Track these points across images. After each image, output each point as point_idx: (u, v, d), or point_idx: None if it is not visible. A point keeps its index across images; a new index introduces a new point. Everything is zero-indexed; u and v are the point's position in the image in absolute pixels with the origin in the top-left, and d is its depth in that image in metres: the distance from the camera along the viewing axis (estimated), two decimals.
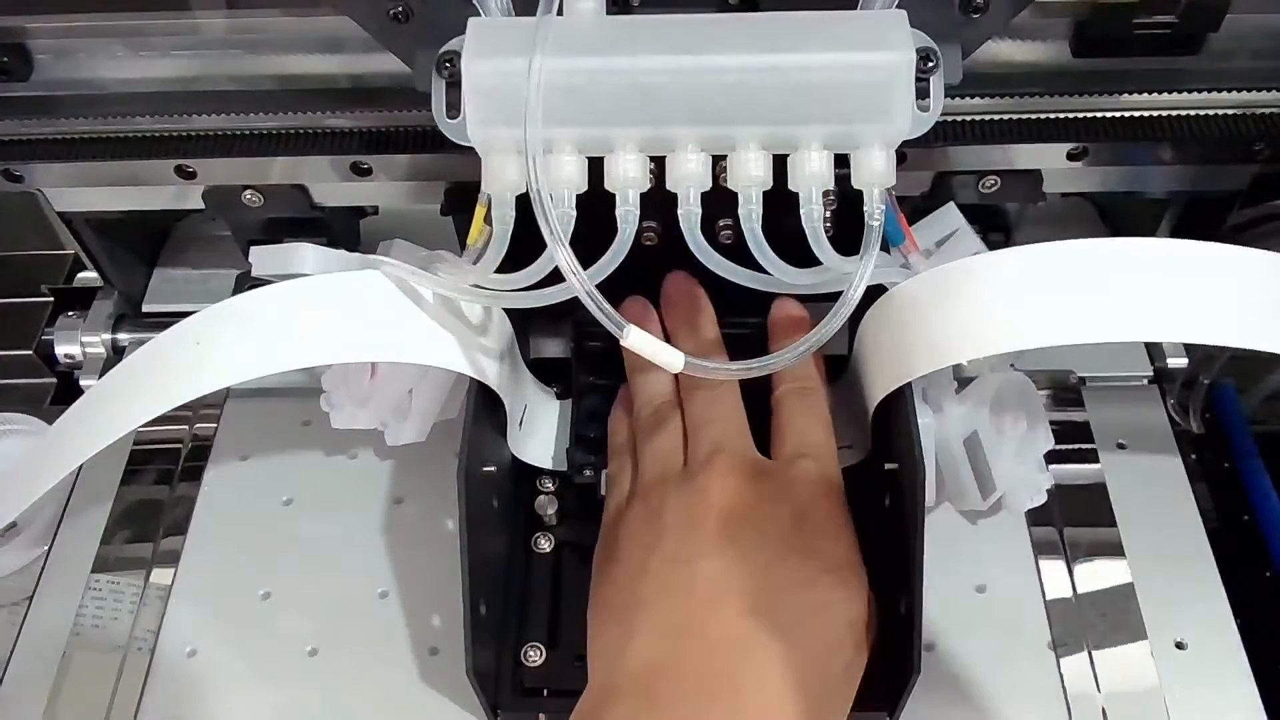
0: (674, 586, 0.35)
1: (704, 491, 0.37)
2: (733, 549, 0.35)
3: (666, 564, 0.36)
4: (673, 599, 0.35)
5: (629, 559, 0.37)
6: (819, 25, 0.32)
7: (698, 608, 0.34)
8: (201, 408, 0.50)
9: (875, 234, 0.33)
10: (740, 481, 0.37)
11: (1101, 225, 0.53)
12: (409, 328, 0.36)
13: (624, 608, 0.36)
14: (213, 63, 0.42)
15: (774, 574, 0.35)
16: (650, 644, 0.34)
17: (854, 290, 0.33)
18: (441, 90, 0.33)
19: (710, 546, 0.35)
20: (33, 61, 0.42)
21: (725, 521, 0.36)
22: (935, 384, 0.41)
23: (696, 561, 0.35)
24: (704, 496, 0.37)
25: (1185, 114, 0.42)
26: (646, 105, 0.32)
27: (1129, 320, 0.32)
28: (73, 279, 0.53)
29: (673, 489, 0.38)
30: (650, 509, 0.38)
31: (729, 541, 0.35)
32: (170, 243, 0.56)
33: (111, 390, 0.37)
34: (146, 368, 0.36)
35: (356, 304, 0.36)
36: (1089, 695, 0.40)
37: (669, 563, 0.36)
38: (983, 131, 0.42)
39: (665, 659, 0.33)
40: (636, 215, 0.33)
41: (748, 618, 0.34)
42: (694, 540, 0.36)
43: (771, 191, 0.33)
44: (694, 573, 0.35)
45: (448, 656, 0.42)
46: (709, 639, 0.33)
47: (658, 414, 0.40)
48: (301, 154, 0.43)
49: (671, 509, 0.37)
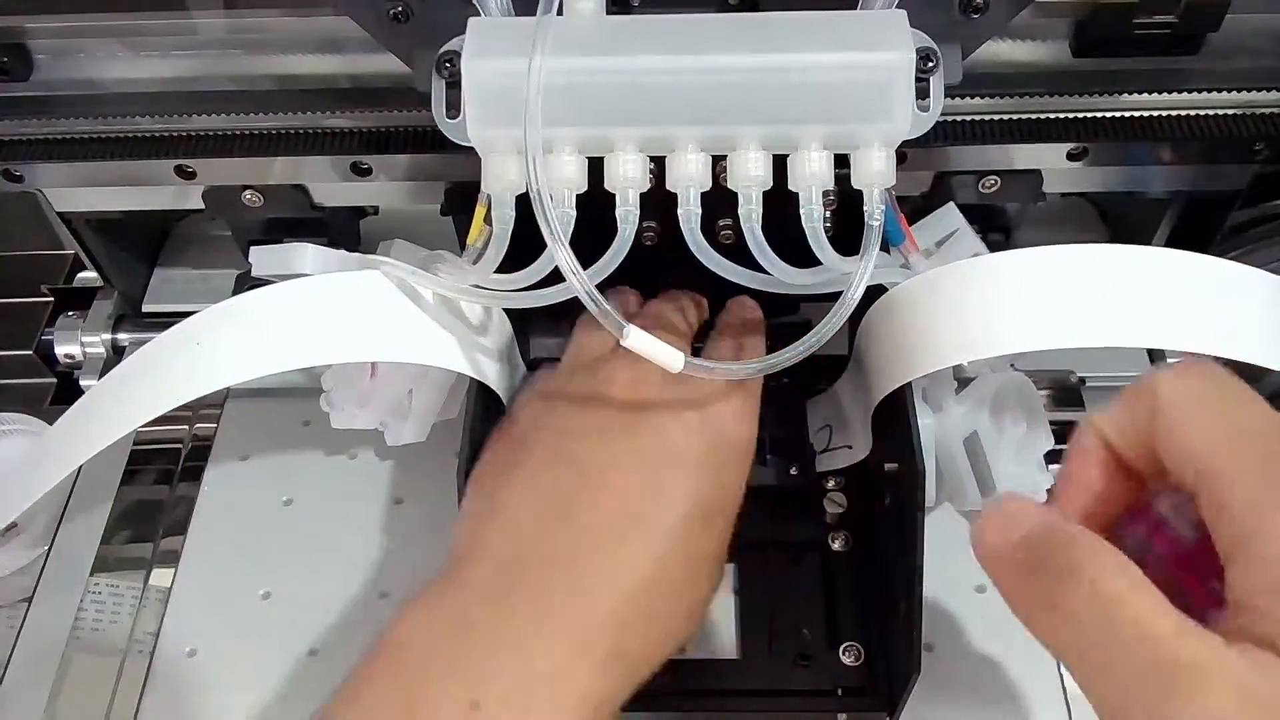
0: (558, 460, 0.35)
1: (612, 374, 0.36)
2: (625, 435, 0.35)
3: (556, 435, 0.35)
4: (554, 472, 0.34)
5: (523, 420, 0.37)
6: (819, 25, 0.32)
7: (577, 485, 0.34)
8: (201, 408, 0.50)
9: (875, 234, 0.33)
10: (653, 373, 0.34)
11: (1101, 225, 0.53)
12: (409, 328, 0.36)
13: (507, 468, 0.35)
14: (213, 63, 0.42)
15: (660, 466, 0.34)
16: (523, 513, 0.34)
17: (854, 290, 0.33)
18: (441, 90, 0.33)
19: (605, 427, 0.35)
20: (33, 61, 0.42)
21: (625, 407, 0.36)
22: (935, 384, 0.41)
23: (587, 439, 0.35)
24: (611, 377, 0.36)
25: (1185, 114, 0.42)
26: (646, 105, 0.32)
27: (1128, 325, 0.32)
28: (73, 279, 0.53)
29: (583, 370, 0.38)
30: (559, 383, 0.38)
31: (625, 429, 0.35)
32: (170, 243, 0.56)
33: (112, 391, 0.37)
34: (147, 368, 0.36)
35: (356, 304, 0.36)
36: None
37: (559, 434, 0.35)
38: (983, 131, 0.42)
39: (533, 530, 0.33)
40: (636, 215, 0.33)
41: (625, 502, 0.33)
42: (591, 418, 0.36)
43: (771, 191, 0.33)
44: (581, 450, 0.35)
45: None
46: (580, 520, 0.33)
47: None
48: (301, 154, 0.43)
49: (578, 384, 0.37)
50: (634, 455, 0.35)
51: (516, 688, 0.29)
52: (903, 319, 0.36)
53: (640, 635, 0.32)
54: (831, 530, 0.44)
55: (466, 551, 0.33)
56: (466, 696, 0.29)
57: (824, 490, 0.44)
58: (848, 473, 0.43)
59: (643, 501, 0.34)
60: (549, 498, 0.34)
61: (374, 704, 0.29)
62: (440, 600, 0.32)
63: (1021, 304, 0.33)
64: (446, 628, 0.31)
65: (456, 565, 0.33)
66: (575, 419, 0.36)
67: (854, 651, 0.41)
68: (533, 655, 0.30)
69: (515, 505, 0.34)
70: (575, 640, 0.31)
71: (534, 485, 0.34)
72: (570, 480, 0.34)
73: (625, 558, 0.32)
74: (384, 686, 0.30)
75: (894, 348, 0.37)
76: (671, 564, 0.33)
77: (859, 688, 0.40)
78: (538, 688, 0.30)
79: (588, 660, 0.31)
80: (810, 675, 0.40)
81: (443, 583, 0.33)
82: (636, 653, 0.32)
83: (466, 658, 0.30)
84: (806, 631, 0.41)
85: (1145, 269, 0.32)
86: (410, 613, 0.32)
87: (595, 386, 0.36)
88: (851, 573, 0.43)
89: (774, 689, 0.40)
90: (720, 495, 0.35)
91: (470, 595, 0.32)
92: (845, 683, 0.40)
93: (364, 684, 0.30)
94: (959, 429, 0.41)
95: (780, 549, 0.44)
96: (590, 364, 0.38)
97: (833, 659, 0.40)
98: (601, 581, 0.32)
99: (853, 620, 0.41)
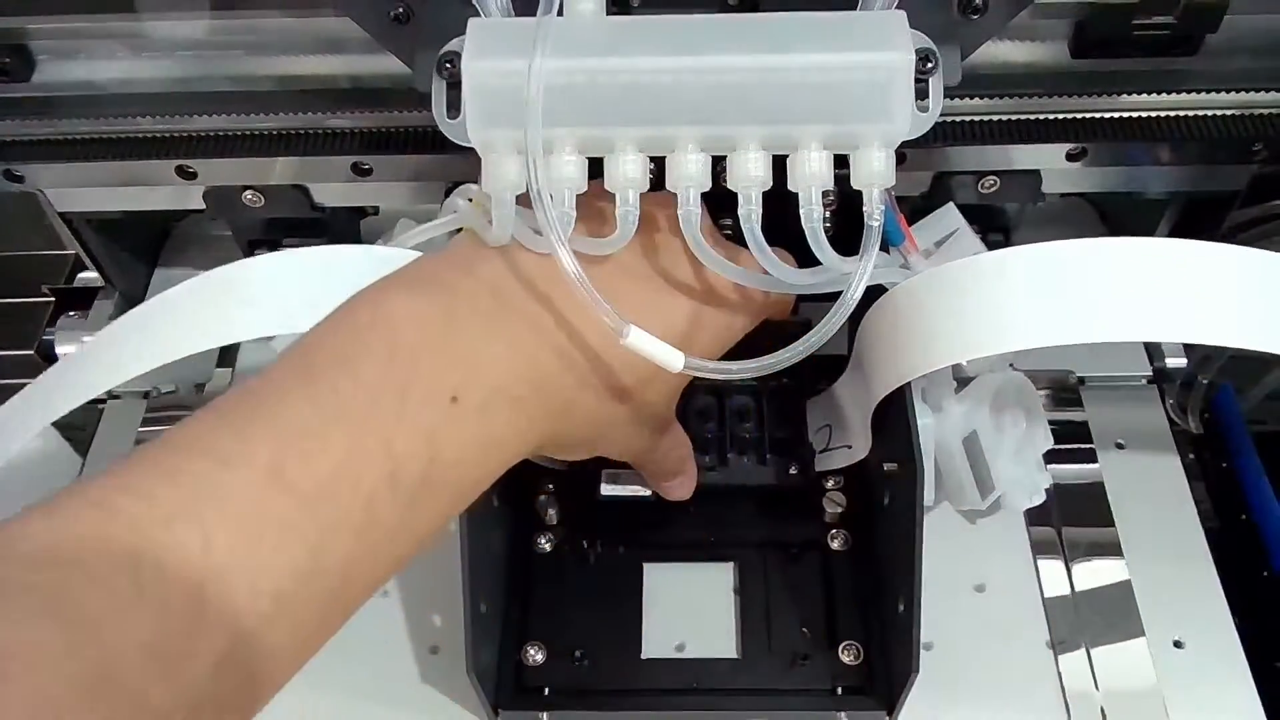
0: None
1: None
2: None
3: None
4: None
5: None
6: (819, 25, 0.32)
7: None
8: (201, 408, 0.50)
9: (875, 234, 0.33)
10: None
11: (1100, 225, 0.54)
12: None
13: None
14: (213, 63, 0.42)
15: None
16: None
17: (854, 290, 0.33)
18: (441, 90, 0.33)
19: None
20: (33, 61, 0.42)
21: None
22: (935, 384, 0.41)
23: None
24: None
25: (1184, 114, 0.42)
26: (646, 105, 0.32)
27: (1128, 320, 0.32)
28: (73, 279, 0.53)
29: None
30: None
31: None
32: (170, 243, 0.56)
33: (128, 328, 0.38)
34: (163, 313, 0.37)
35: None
36: (1087, 694, 0.40)
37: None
38: (982, 132, 0.42)
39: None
40: (636, 215, 0.33)
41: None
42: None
43: (771, 191, 0.33)
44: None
45: (448, 656, 0.42)
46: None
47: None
48: (301, 154, 0.43)
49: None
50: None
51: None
52: (902, 319, 0.36)
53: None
54: (831, 530, 0.44)
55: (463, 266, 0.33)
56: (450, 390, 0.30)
57: (823, 490, 0.44)
58: (847, 472, 0.43)
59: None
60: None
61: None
62: (429, 289, 0.32)
63: (1021, 301, 0.33)
64: (441, 323, 0.31)
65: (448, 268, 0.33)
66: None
67: (853, 651, 0.41)
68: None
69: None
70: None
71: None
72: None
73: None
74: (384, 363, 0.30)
75: (893, 348, 0.37)
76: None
77: (858, 687, 0.40)
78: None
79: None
80: (810, 674, 0.40)
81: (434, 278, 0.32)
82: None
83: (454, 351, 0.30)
84: (806, 630, 0.42)
85: (1145, 260, 0.32)
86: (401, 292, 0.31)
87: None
88: (851, 572, 0.43)
89: (774, 688, 0.41)
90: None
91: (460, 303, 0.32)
92: (844, 682, 0.40)
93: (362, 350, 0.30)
94: (958, 429, 0.41)
95: (780, 548, 0.44)
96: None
97: (832, 658, 0.41)
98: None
99: (852, 619, 0.42)
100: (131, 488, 0.26)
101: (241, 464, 0.27)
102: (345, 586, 0.29)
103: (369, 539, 0.28)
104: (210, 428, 0.28)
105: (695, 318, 0.35)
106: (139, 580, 0.24)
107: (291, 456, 0.27)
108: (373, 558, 0.29)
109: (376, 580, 0.30)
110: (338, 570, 0.28)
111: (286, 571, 0.27)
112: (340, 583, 0.28)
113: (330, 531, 0.27)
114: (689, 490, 0.43)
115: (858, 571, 0.43)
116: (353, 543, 0.28)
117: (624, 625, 0.42)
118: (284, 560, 0.26)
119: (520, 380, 0.32)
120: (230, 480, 0.26)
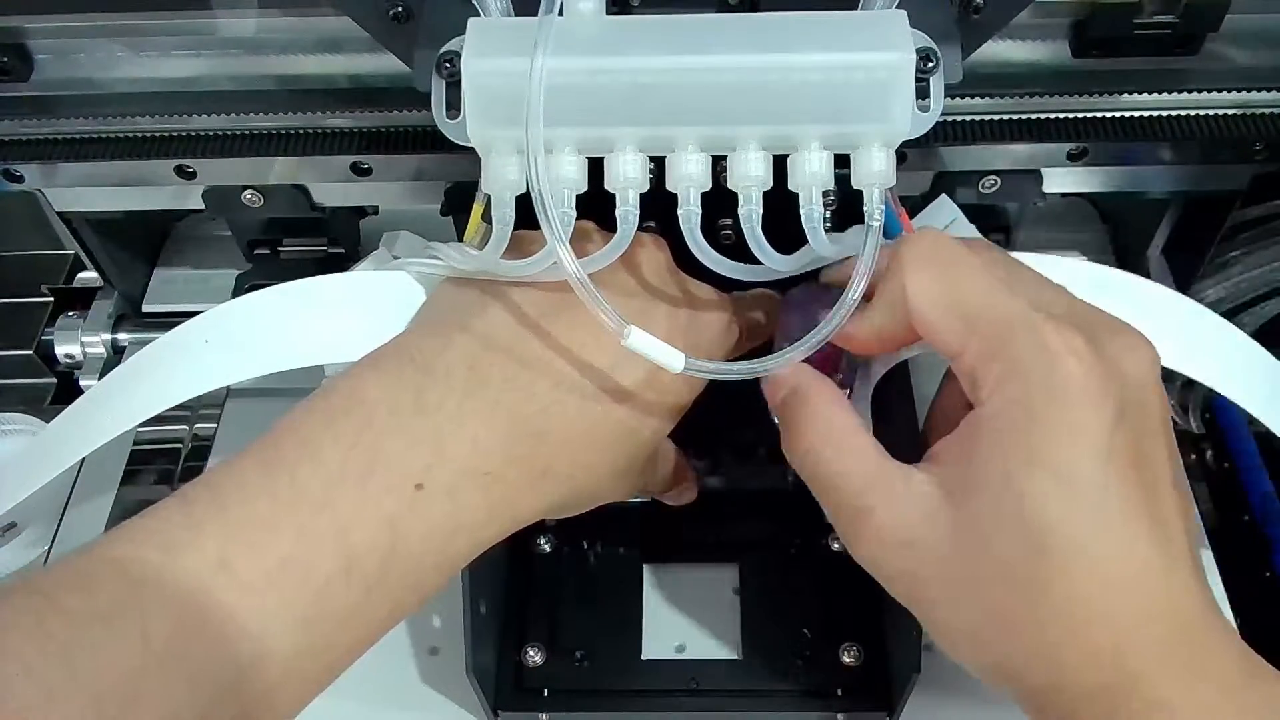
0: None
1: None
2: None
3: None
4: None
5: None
6: (819, 25, 0.32)
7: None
8: (201, 408, 0.50)
9: (875, 234, 0.33)
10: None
11: (1101, 226, 0.53)
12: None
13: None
14: (213, 63, 0.42)
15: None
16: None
17: (854, 290, 0.33)
18: (441, 90, 0.33)
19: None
20: (33, 61, 0.42)
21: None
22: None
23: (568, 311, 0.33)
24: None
25: (1185, 114, 0.42)
26: (646, 105, 0.32)
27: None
28: (73, 279, 0.53)
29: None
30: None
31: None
32: (170, 243, 0.56)
33: (116, 385, 0.37)
34: (151, 365, 0.36)
35: (371, 303, 0.36)
36: None
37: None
38: (983, 131, 0.42)
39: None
40: (636, 215, 0.33)
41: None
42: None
43: (771, 191, 0.33)
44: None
45: (448, 656, 0.42)
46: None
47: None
48: (301, 154, 0.43)
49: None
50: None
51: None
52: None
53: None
54: (832, 530, 0.44)
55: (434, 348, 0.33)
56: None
57: None
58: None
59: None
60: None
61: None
62: (404, 370, 0.32)
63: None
64: (412, 406, 0.31)
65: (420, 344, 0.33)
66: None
67: (854, 651, 0.41)
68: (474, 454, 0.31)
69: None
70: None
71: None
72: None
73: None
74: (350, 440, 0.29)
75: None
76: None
77: (859, 687, 0.40)
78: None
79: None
80: (810, 675, 0.40)
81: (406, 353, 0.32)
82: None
83: (421, 433, 0.30)
84: (807, 631, 0.41)
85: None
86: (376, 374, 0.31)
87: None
88: (851, 573, 0.42)
89: (774, 689, 0.40)
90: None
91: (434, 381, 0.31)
92: (845, 682, 0.40)
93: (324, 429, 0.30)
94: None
95: (781, 549, 0.44)
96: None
97: (833, 658, 0.41)
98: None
99: (853, 620, 0.41)
100: (76, 585, 0.26)
101: (191, 553, 0.27)
102: (285, 681, 0.28)
103: (318, 630, 0.28)
104: (164, 519, 0.28)
105: (687, 327, 0.36)
106: (74, 672, 0.24)
107: (239, 547, 0.27)
108: (325, 648, 0.29)
109: (327, 673, 0.30)
110: (280, 663, 0.27)
111: (228, 662, 0.26)
112: (281, 675, 0.28)
113: (274, 622, 0.27)
114: (691, 496, 0.43)
115: (858, 572, 0.42)
116: (299, 635, 0.28)
117: (624, 626, 0.42)
118: (223, 653, 0.26)
119: (493, 455, 0.31)
120: (176, 570, 0.26)
